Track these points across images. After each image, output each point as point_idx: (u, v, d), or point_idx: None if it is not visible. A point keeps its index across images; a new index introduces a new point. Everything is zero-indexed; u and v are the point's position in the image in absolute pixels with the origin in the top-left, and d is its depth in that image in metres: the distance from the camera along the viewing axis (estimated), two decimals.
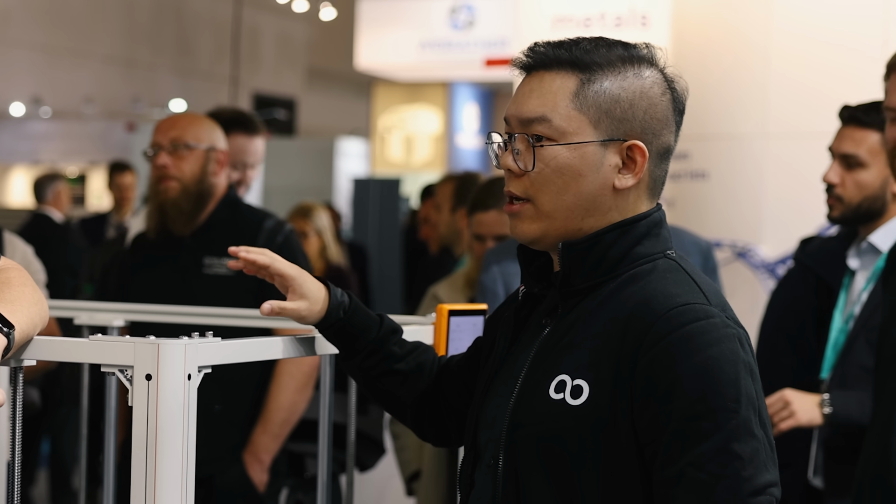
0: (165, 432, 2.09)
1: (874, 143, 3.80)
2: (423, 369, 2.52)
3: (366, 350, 2.48)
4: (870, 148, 3.81)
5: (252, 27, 22.52)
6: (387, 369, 2.49)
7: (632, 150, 2.21)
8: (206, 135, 4.55)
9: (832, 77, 5.58)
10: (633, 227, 2.23)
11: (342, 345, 2.49)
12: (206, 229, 4.54)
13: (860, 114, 3.84)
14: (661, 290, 2.16)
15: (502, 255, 4.42)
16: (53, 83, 19.42)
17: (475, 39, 15.23)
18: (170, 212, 4.50)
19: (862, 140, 3.82)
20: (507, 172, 2.26)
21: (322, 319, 2.45)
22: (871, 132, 3.81)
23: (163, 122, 4.63)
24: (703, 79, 6.07)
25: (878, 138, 3.79)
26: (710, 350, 2.08)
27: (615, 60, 2.22)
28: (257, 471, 4.48)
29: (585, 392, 2.14)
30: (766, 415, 2.13)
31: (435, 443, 2.61)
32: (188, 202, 4.50)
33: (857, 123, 3.83)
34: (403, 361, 2.50)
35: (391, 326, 2.52)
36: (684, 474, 2.05)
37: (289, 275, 2.46)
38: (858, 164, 3.82)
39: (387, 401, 2.55)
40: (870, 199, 3.82)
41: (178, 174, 4.49)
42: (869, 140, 3.81)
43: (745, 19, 5.91)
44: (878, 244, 3.83)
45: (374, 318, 2.50)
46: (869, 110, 3.82)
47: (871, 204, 3.82)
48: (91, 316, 3.45)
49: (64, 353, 2.22)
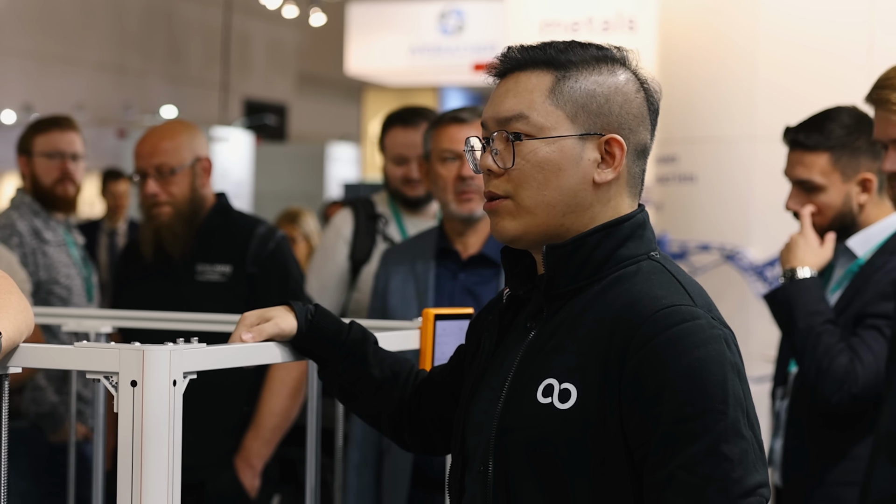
0: (151, 438, 2.08)
1: (825, 165, 3.77)
2: (398, 378, 2.53)
3: (338, 355, 2.49)
4: (821, 170, 3.77)
5: (242, 33, 22.53)
6: (361, 374, 2.50)
7: (610, 144, 2.22)
8: (187, 150, 4.54)
9: (818, 81, 5.59)
10: (616, 228, 2.23)
11: (315, 352, 2.50)
12: (199, 237, 4.55)
13: (802, 137, 3.80)
14: (647, 292, 2.16)
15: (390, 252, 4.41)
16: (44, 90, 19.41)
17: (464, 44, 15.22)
18: (165, 235, 4.51)
19: (812, 164, 3.78)
20: (487, 174, 2.26)
21: (297, 334, 2.46)
22: (818, 154, 3.77)
23: (144, 145, 4.59)
24: (690, 83, 6.08)
25: (827, 158, 3.76)
26: (697, 352, 2.08)
27: (589, 59, 2.24)
28: (249, 476, 4.49)
29: (573, 396, 2.13)
30: (755, 415, 2.13)
31: (419, 451, 2.61)
32: (182, 224, 4.51)
33: (802, 148, 3.80)
34: (378, 368, 2.51)
35: (361, 331, 2.53)
36: (674, 477, 2.06)
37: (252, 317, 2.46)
38: (815, 189, 3.79)
39: (362, 409, 2.56)
40: (838, 218, 3.80)
41: (168, 199, 4.50)
42: (819, 163, 3.77)
43: (732, 24, 5.93)
44: (854, 249, 3.82)
45: (343, 323, 2.52)
46: (810, 132, 3.79)
47: (842, 220, 3.80)
48: (79, 323, 3.45)
49: (49, 360, 2.22)
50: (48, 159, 5.25)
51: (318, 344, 2.48)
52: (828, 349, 3.60)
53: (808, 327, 3.63)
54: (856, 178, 3.77)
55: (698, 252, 5.99)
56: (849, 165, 3.76)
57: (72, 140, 5.31)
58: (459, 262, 4.15)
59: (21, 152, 5.35)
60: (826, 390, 3.59)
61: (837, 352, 3.59)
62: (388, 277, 4.25)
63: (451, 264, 4.16)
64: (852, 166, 3.76)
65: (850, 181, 3.77)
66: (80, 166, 5.32)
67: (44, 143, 5.28)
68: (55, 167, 5.24)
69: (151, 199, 4.50)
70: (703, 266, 5.93)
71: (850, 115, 3.81)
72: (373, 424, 2.60)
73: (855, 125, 3.78)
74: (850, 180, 3.77)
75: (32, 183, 5.25)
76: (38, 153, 5.25)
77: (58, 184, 5.24)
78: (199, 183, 4.56)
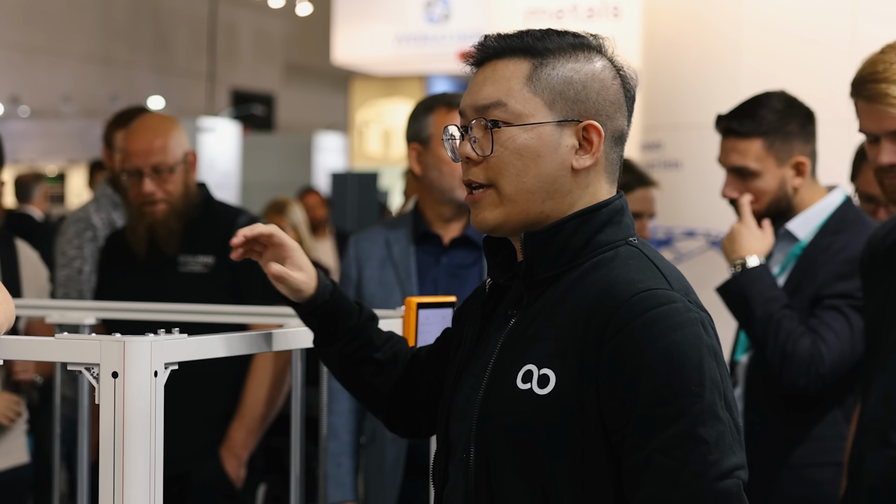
0: (133, 429, 2.08)
1: (759, 150, 3.81)
2: (397, 359, 2.53)
3: (346, 336, 2.49)
4: (756, 156, 3.81)
5: (229, 23, 22.50)
6: (365, 357, 2.50)
7: (587, 130, 2.22)
8: (179, 146, 4.51)
9: (801, 69, 5.62)
10: (594, 214, 2.24)
11: (324, 329, 2.50)
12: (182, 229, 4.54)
13: (735, 124, 3.84)
14: (624, 277, 2.16)
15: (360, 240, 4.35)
16: (31, 82, 19.40)
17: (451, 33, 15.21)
18: (160, 232, 4.46)
19: (746, 151, 3.82)
20: (466, 162, 2.27)
21: (311, 299, 2.46)
22: (752, 140, 3.81)
23: (137, 143, 4.51)
24: (674, 69, 6.10)
25: (760, 144, 3.81)
26: (674, 335, 2.09)
27: (566, 47, 2.25)
28: (234, 466, 4.48)
29: (552, 381, 2.14)
30: (732, 397, 2.14)
31: (403, 434, 2.61)
32: (177, 221, 4.48)
33: (735, 135, 3.84)
34: (380, 351, 2.51)
35: (369, 313, 2.53)
36: (651, 460, 2.06)
37: (288, 245, 2.47)
38: (751, 175, 3.83)
39: (362, 390, 2.56)
40: (774, 203, 3.84)
41: (165, 197, 4.46)
42: (753, 149, 3.81)
43: (716, 11, 5.94)
44: (795, 231, 3.86)
45: (354, 304, 2.52)
46: (743, 119, 3.83)
47: (778, 205, 3.84)
48: (62, 314, 3.45)
49: (30, 351, 2.22)
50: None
51: (332, 320, 2.48)
52: (789, 334, 3.63)
53: (767, 314, 3.66)
54: (790, 162, 3.83)
55: (684, 238, 6.01)
56: (782, 150, 3.81)
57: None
58: (441, 245, 4.13)
59: (105, 144, 5.32)
60: (793, 374, 3.62)
61: (799, 335, 3.63)
62: (360, 265, 4.21)
63: (433, 248, 4.13)
64: (786, 150, 3.82)
65: (785, 165, 3.83)
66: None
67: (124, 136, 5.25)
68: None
69: (147, 198, 4.46)
70: (689, 252, 5.94)
71: (780, 99, 3.86)
72: (371, 406, 2.59)
73: (786, 109, 3.84)
74: (784, 164, 3.82)
75: (114, 176, 5.21)
76: (119, 147, 5.20)
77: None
78: (191, 178, 4.56)
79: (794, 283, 3.78)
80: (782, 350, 3.62)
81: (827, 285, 3.70)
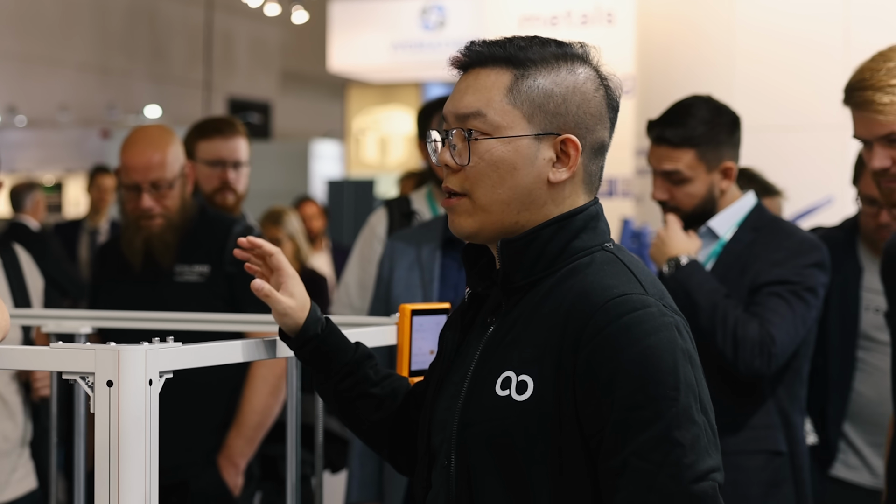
0: (128, 438, 2.10)
1: (691, 159, 3.91)
2: (397, 395, 2.54)
3: (341, 372, 2.49)
4: (688, 164, 3.92)
5: (225, 32, 22.51)
6: (362, 392, 2.51)
7: (565, 144, 2.24)
8: (177, 160, 4.49)
9: (794, 75, 5.64)
10: (569, 221, 2.25)
11: (317, 366, 2.50)
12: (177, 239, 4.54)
13: (669, 135, 3.93)
14: (599, 283, 2.18)
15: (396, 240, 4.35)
16: (28, 92, 19.38)
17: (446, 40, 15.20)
18: (157, 245, 4.46)
19: (678, 158, 3.92)
20: (445, 168, 2.29)
21: (299, 332, 2.47)
22: (684, 151, 3.92)
23: (136, 158, 4.46)
24: (668, 74, 6.11)
25: (693, 154, 3.91)
26: (648, 339, 2.10)
27: (549, 57, 2.26)
28: (232, 474, 4.49)
29: (530, 387, 2.16)
30: (708, 400, 2.16)
31: (409, 473, 2.57)
32: (174, 234, 4.47)
33: (668, 144, 3.93)
34: (378, 386, 2.52)
35: (366, 352, 2.54)
36: (628, 464, 2.08)
37: (286, 272, 2.49)
38: (682, 180, 3.94)
39: (362, 427, 2.55)
40: (702, 204, 3.97)
41: (163, 212, 4.45)
42: (685, 157, 3.92)
43: (709, 18, 5.97)
44: (715, 229, 3.99)
45: (350, 342, 2.52)
46: (676, 129, 3.93)
47: (704, 206, 3.97)
48: (58, 324, 3.46)
49: (25, 361, 2.23)
50: (209, 167, 5.21)
51: (324, 357, 2.49)
52: (737, 319, 3.75)
53: (712, 304, 3.77)
54: (718, 168, 3.94)
55: None
56: (713, 158, 3.93)
57: (235, 147, 5.25)
58: None
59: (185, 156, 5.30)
60: (747, 357, 3.73)
61: (746, 319, 3.75)
62: (392, 266, 4.22)
63: (457, 254, 4.11)
64: (715, 158, 3.93)
65: (714, 171, 3.94)
66: (242, 173, 5.26)
67: (206, 149, 5.23)
68: (216, 176, 5.21)
69: (145, 213, 4.45)
70: None
71: (708, 108, 3.97)
72: (372, 444, 2.59)
73: (714, 118, 3.94)
74: (714, 170, 3.94)
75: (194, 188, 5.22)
76: (200, 160, 5.19)
77: (217, 193, 5.21)
78: (187, 191, 4.55)
79: (718, 276, 3.89)
80: (733, 335, 3.73)
81: (763, 273, 3.84)
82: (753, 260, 3.87)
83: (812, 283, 3.83)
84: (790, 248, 3.85)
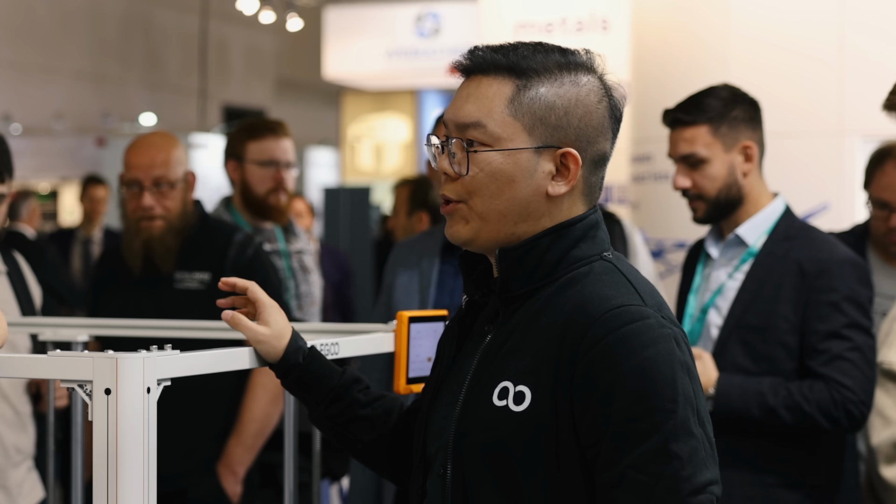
0: (126, 446, 2.09)
1: (705, 136, 3.85)
2: (390, 415, 2.53)
3: (328, 398, 2.49)
4: (703, 142, 3.86)
5: (220, 40, 22.50)
6: (352, 416, 2.50)
7: (565, 157, 2.21)
8: (181, 164, 4.50)
9: (789, 81, 5.64)
10: (568, 230, 2.24)
11: (304, 394, 2.50)
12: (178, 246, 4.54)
13: (681, 114, 3.89)
14: (597, 293, 2.16)
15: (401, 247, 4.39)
16: (23, 100, 19.35)
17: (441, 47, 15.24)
18: (157, 249, 4.46)
19: (693, 138, 3.86)
20: (444, 176, 2.27)
21: (280, 362, 2.47)
22: (698, 127, 3.86)
23: (140, 156, 4.50)
24: (663, 81, 6.12)
25: (707, 130, 3.85)
26: (646, 351, 2.09)
27: (552, 67, 2.23)
28: (231, 482, 4.49)
29: (528, 398, 2.15)
30: (705, 412, 2.14)
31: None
32: (174, 239, 4.47)
33: (682, 124, 3.88)
34: (369, 408, 2.51)
35: (353, 376, 2.52)
36: (625, 476, 2.06)
37: (263, 303, 2.50)
38: (700, 161, 3.86)
39: (358, 449, 2.55)
40: (725, 188, 3.87)
41: (163, 213, 4.45)
42: (700, 135, 3.86)
43: (704, 24, 5.97)
44: (744, 237, 3.89)
45: (336, 368, 2.52)
46: (688, 108, 3.89)
47: (728, 191, 3.87)
48: (56, 332, 3.45)
49: (23, 369, 2.23)
50: (261, 168, 5.19)
51: (308, 385, 2.49)
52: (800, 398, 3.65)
53: (766, 407, 3.67)
54: (737, 147, 3.86)
55: (675, 250, 6.02)
56: (728, 135, 3.85)
57: (286, 147, 5.24)
58: None
59: (230, 157, 5.27)
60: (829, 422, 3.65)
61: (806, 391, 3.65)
62: (395, 273, 4.25)
63: (456, 260, 4.13)
64: (732, 136, 3.86)
65: (732, 150, 3.86)
66: (291, 174, 5.25)
67: (258, 150, 5.21)
68: (269, 176, 5.19)
69: (145, 212, 4.44)
70: (679, 264, 5.96)
71: (725, 89, 3.93)
72: (372, 466, 2.59)
73: (731, 97, 3.89)
74: (732, 150, 3.86)
75: (242, 189, 5.21)
76: (251, 160, 5.18)
77: (271, 193, 5.20)
78: (189, 196, 4.56)
79: (751, 291, 3.80)
80: (803, 414, 3.64)
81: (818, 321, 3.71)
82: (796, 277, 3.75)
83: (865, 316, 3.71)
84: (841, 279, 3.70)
